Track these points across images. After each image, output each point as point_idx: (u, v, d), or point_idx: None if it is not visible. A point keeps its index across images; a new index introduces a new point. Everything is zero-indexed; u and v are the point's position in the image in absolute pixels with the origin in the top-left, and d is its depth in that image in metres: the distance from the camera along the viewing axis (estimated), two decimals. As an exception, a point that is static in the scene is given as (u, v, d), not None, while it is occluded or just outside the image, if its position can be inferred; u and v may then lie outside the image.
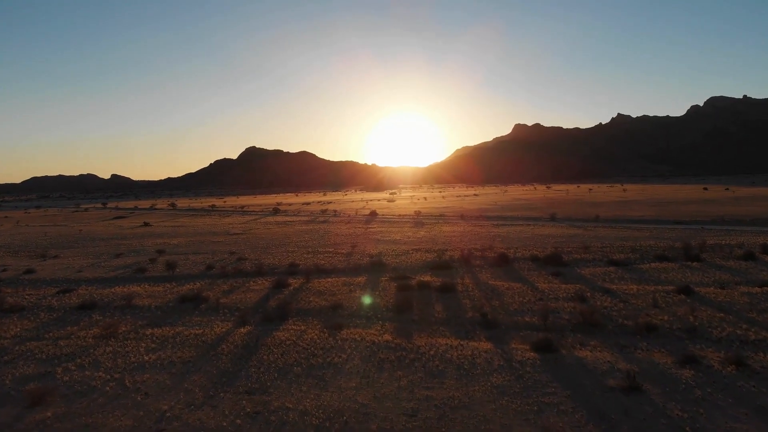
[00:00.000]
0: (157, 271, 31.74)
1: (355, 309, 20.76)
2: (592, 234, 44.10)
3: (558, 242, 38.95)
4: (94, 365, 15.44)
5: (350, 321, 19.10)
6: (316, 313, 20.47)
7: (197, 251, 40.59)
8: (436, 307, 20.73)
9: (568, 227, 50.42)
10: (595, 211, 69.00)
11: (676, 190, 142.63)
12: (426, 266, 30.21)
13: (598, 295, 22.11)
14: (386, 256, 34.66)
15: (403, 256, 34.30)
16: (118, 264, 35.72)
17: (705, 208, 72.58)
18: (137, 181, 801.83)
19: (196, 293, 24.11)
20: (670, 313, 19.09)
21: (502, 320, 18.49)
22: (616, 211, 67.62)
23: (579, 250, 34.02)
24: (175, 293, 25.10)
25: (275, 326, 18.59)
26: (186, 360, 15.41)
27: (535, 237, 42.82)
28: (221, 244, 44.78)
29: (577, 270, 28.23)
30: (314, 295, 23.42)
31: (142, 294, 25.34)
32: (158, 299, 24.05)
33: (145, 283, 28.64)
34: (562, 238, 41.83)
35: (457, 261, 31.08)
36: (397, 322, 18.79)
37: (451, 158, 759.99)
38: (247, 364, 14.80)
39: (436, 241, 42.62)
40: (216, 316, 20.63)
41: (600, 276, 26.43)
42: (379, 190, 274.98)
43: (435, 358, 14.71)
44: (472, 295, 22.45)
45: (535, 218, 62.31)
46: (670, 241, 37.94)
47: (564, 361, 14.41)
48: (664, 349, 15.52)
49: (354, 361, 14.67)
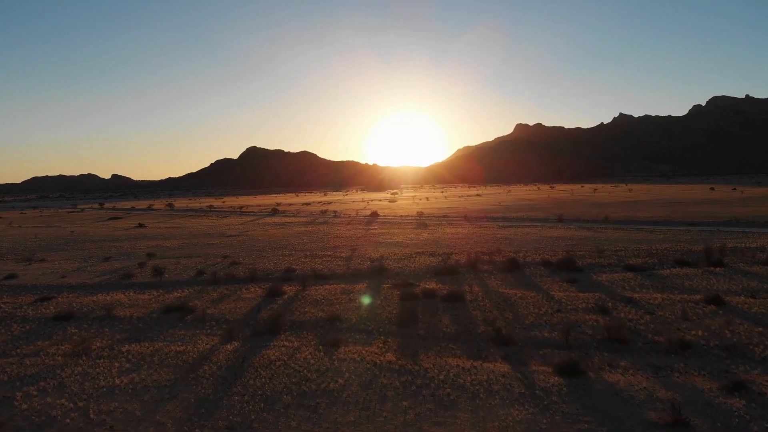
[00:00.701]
0: (144, 277, 29.91)
1: (355, 321, 18.90)
2: (603, 236, 42.20)
3: (569, 245, 37.07)
4: (58, 390, 13.59)
5: (349, 336, 17.25)
6: (311, 326, 18.62)
7: (190, 254, 38.76)
8: (443, 319, 18.86)
9: (577, 229, 48.52)
10: (603, 212, 67.08)
11: (682, 190, 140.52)
12: (431, 271, 28.35)
13: (621, 305, 20.25)
14: (388, 260, 32.82)
15: (405, 260, 32.45)
16: (105, 269, 33.89)
17: (715, 208, 70.66)
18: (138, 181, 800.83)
19: (183, 302, 22.28)
20: (703, 327, 17.23)
21: (518, 336, 16.62)
22: (625, 212, 65.70)
23: (592, 254, 32.14)
24: (161, 302, 23.26)
25: (265, 342, 16.74)
26: (162, 384, 13.55)
27: (544, 239, 40.94)
28: (215, 247, 42.94)
29: (593, 276, 26.37)
30: (310, 304, 21.57)
31: (125, 303, 23.50)
32: (141, 309, 22.20)
33: (130, 290, 26.81)
34: (573, 240, 39.94)
35: (464, 266, 29.22)
36: (400, 337, 16.93)
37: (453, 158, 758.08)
38: (230, 390, 12.93)
39: (440, 243, 40.76)
40: (202, 330, 18.78)
41: (619, 283, 24.57)
42: (380, 190, 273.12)
43: (445, 384, 12.83)
44: (483, 305, 20.58)
45: (541, 219, 60.40)
46: (687, 244, 36.07)
47: (593, 388, 12.54)
48: (705, 371, 13.66)
49: (352, 387, 12.80)
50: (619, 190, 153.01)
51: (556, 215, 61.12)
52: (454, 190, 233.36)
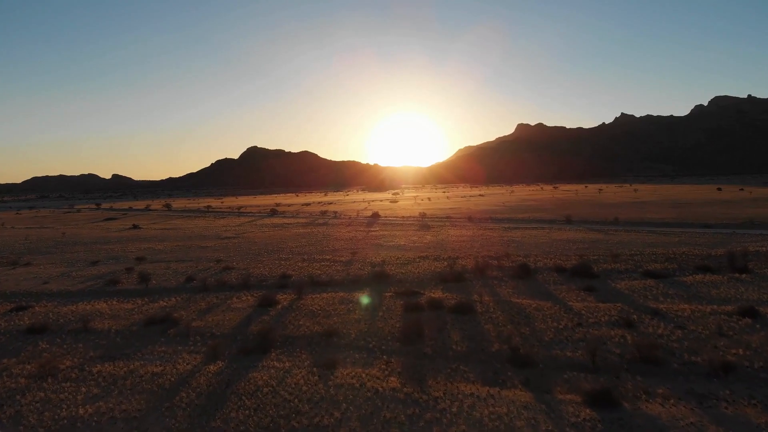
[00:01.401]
0: (130, 284, 28.08)
1: (354, 337, 17.07)
2: (615, 239, 40.32)
3: (580, 249, 35.21)
4: (13, 422, 11.81)
5: (347, 354, 15.43)
6: (305, 342, 16.80)
7: (181, 258, 36.93)
8: (452, 334, 17.02)
9: (586, 231, 46.62)
10: (611, 213, 65.18)
11: (688, 190, 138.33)
12: (436, 278, 26.51)
13: (647, 318, 18.41)
14: (390, 265, 30.99)
15: (409, 265, 30.61)
16: (90, 274, 32.08)
17: (726, 209, 68.73)
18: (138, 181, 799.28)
19: (167, 313, 20.46)
20: (742, 344, 15.39)
21: (537, 355, 14.78)
22: (634, 213, 63.76)
23: (607, 259, 30.28)
24: (144, 313, 21.45)
25: (253, 362, 14.94)
26: (131, 416, 11.74)
27: (554, 242, 39.06)
28: (209, 250, 41.11)
29: (612, 283, 24.52)
30: (305, 316, 19.74)
31: (105, 313, 21.70)
32: (122, 321, 20.40)
33: (114, 298, 25.02)
34: (584, 243, 38.07)
35: (471, 272, 27.37)
36: (405, 357, 15.11)
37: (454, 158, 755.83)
38: (208, 425, 11.11)
39: (445, 247, 38.90)
40: (184, 346, 16.98)
41: (640, 291, 22.72)
42: (381, 190, 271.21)
43: (459, 418, 10.99)
44: (495, 317, 18.73)
45: (548, 221, 58.45)
46: (705, 248, 34.21)
47: (632, 423, 10.70)
48: (755, 400, 11.84)
49: (351, 422, 10.97)
50: (624, 191, 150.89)
51: (564, 216, 59.18)
52: (456, 191, 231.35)
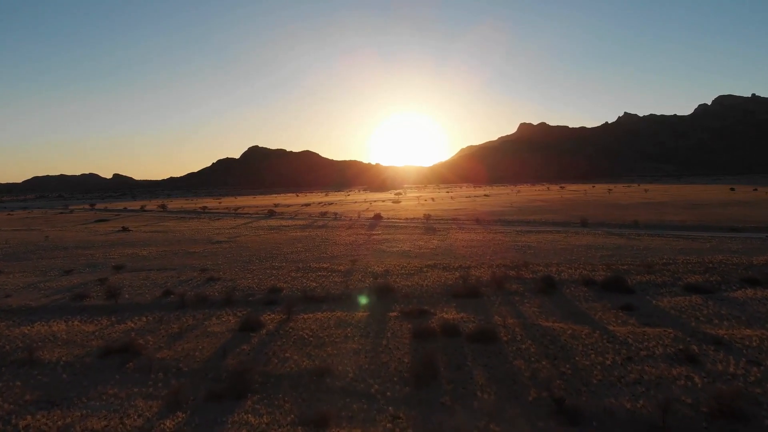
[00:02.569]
0: (100, 298, 24.73)
1: (352, 376, 13.72)
2: (640, 245, 36.86)
3: (605, 256, 31.79)
4: None
5: (342, 404, 12.08)
6: (291, 382, 13.46)
7: (164, 266, 33.59)
8: (475, 373, 13.66)
9: (606, 235, 43.11)
10: (627, 215, 61.73)
11: (699, 190, 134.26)
12: (447, 292, 23.14)
13: (710, 349, 15.03)
14: (394, 275, 27.61)
15: (415, 276, 27.23)
16: (60, 285, 28.75)
17: (745, 211, 65.22)
18: (139, 181, 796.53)
19: (130, 341, 17.08)
20: None
21: (588, 407, 11.42)
22: (651, 215, 60.17)
23: (640, 269, 26.86)
24: (104, 338, 18.12)
25: (223, 414, 11.62)
26: None
27: (573, 249, 35.61)
28: (197, 257, 37.75)
29: (652, 300, 21.14)
30: (294, 345, 16.37)
31: (60, 338, 18.36)
32: (76, 349, 17.07)
33: (78, 316, 21.72)
34: (607, 250, 34.61)
35: (487, 284, 23.99)
36: (417, 408, 11.78)
37: (456, 158, 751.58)
38: None
39: (454, 253, 35.49)
40: (142, 386, 13.66)
41: (688, 311, 19.33)
42: (383, 190, 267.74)
43: None
44: (525, 349, 15.34)
45: (562, 223, 54.89)
46: (743, 256, 30.80)
47: None
48: None
49: None
50: (634, 191, 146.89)
51: (579, 219, 55.65)
52: (459, 191, 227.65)
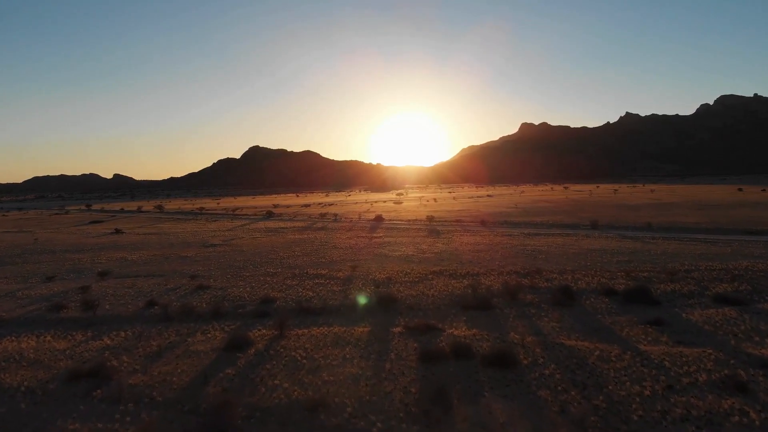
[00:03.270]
0: (78, 310, 22.79)
1: (350, 411, 11.77)
2: (657, 249, 34.90)
3: (622, 262, 29.83)
4: None
5: (340, 449, 10.11)
6: (279, 419, 11.52)
7: (153, 272, 31.67)
8: (493, 407, 11.70)
9: (619, 239, 41.11)
10: (636, 216, 59.77)
11: (707, 191, 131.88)
12: (456, 303, 21.20)
13: (759, 375, 13.12)
14: (397, 283, 25.68)
15: (420, 284, 25.28)
16: (39, 294, 26.83)
17: (759, 213, 63.29)
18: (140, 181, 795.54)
19: (102, 362, 15.16)
20: None
21: (636, 458, 9.44)
22: (662, 217, 58.14)
23: (661, 277, 24.92)
24: (75, 357, 16.22)
25: (194, 465, 9.64)
26: None
27: (587, 253, 33.65)
28: (188, 262, 35.83)
29: (681, 313, 19.19)
30: (285, 370, 14.42)
31: (26, 357, 16.45)
32: (41, 371, 15.15)
33: (51, 330, 19.80)
34: (623, 255, 32.64)
35: (499, 295, 22.05)
36: (428, 455, 9.79)
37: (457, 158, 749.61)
38: None
39: (461, 258, 33.54)
40: (107, 422, 11.72)
41: (724, 326, 17.37)
42: (384, 190, 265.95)
43: None
44: (549, 375, 13.37)
45: (570, 225, 52.89)
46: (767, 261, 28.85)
47: None
48: None
49: None
50: (640, 191, 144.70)
51: (588, 220, 53.65)
52: (461, 191, 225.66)
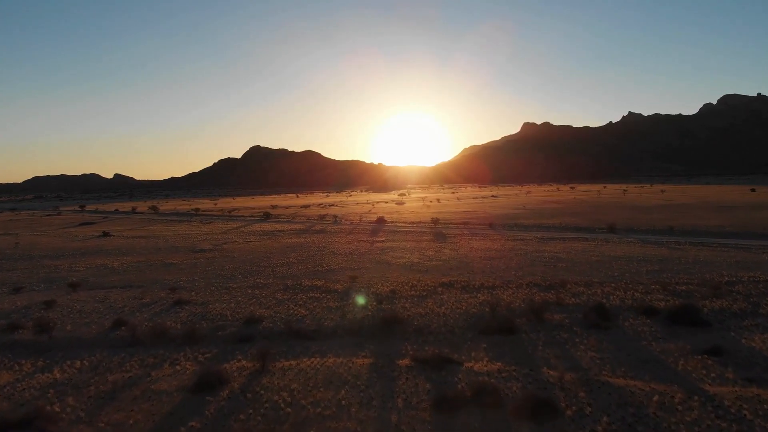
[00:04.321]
0: (34, 331, 19.71)
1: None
2: (687, 256, 31.75)
3: (653, 272, 26.71)
4: None
5: None
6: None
7: (131, 282, 28.60)
8: (539, 490, 8.59)
9: (642, 244, 37.93)
10: (653, 219, 56.62)
11: (719, 191, 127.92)
12: (472, 325, 18.11)
13: None
14: (403, 298, 22.60)
15: (429, 299, 22.19)
16: (0, 309, 23.78)
17: (781, 213, 60.03)
18: (140, 181, 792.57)
19: (37, 410, 12.08)
20: None
21: None
22: (680, 219, 54.82)
23: (703, 291, 21.77)
24: (10, 399, 13.17)
25: None
26: None
27: (611, 262, 30.51)
28: (173, 270, 32.77)
29: (739, 339, 16.11)
30: (262, 424, 11.32)
31: (-51, 398, 13.37)
32: (-40, 420, 12.04)
33: (-4, 357, 16.71)
34: (651, 263, 29.49)
35: (522, 313, 18.95)
36: None
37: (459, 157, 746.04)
38: None
39: (472, 266, 30.43)
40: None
41: (801, 358, 14.26)
42: (386, 190, 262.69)
43: None
44: None
45: (585, 229, 49.61)
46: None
47: None
48: None
49: None
50: (649, 191, 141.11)
51: (604, 223, 50.40)
52: (465, 191, 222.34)
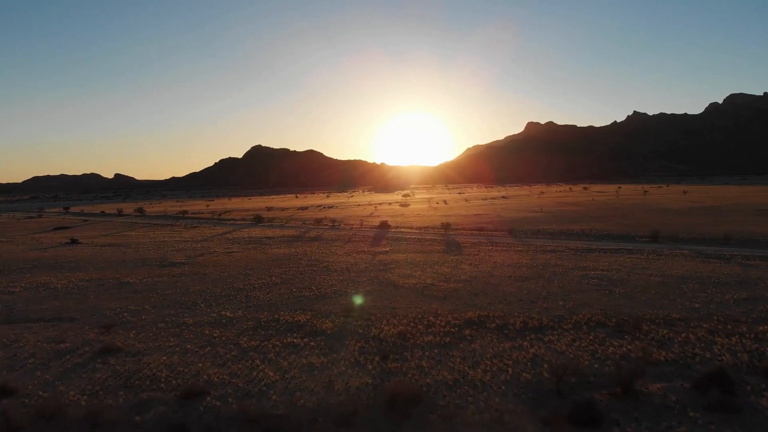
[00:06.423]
0: None
1: None
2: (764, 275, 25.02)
3: (741, 301, 20.11)
4: None
5: None
6: None
7: (61, 314, 21.99)
8: None
9: (701, 258, 31.07)
10: (690, 223, 49.95)
11: (744, 192, 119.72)
12: (529, 408, 11.60)
13: None
14: (417, 348, 16.03)
15: (455, 351, 15.62)
16: None
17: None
18: (141, 181, 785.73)
19: None
20: None
21: None
22: (725, 225, 47.79)
23: None
24: None
25: None
26: None
27: (678, 284, 23.77)
28: (124, 293, 26.16)
29: None
30: None
31: None
32: None
33: None
34: (732, 288, 22.70)
35: (600, 382, 12.42)
36: None
37: (462, 157, 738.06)
38: None
39: (502, 291, 23.72)
40: None
41: None
42: (388, 190, 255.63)
43: None
44: None
45: (621, 237, 42.51)
46: None
47: None
48: None
49: None
50: (670, 192, 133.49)
51: (644, 231, 43.36)
52: (471, 191, 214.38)
